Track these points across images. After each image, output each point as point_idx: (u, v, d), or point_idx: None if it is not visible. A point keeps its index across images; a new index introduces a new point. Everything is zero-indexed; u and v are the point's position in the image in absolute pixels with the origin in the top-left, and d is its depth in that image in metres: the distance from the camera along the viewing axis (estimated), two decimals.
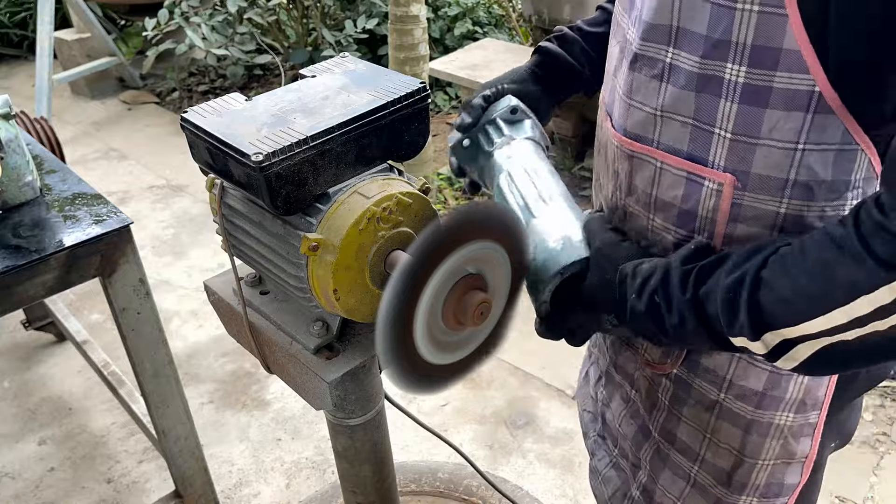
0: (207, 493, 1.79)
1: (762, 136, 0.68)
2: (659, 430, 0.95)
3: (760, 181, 0.70)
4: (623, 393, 1.02)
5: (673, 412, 0.91)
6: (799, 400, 0.83)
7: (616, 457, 1.07)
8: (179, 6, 3.93)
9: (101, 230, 1.36)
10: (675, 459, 0.94)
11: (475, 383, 2.31)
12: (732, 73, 0.67)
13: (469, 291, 0.79)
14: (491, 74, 2.98)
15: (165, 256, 3.01)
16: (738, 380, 0.84)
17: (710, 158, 0.72)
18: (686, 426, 0.91)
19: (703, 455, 0.91)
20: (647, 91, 0.76)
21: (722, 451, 0.89)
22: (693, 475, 0.93)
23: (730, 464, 0.89)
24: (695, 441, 0.91)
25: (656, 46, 0.73)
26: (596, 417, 1.13)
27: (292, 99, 0.93)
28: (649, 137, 0.78)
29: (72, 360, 2.47)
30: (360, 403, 1.06)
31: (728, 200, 0.73)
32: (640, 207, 0.82)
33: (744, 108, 0.68)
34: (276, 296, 1.05)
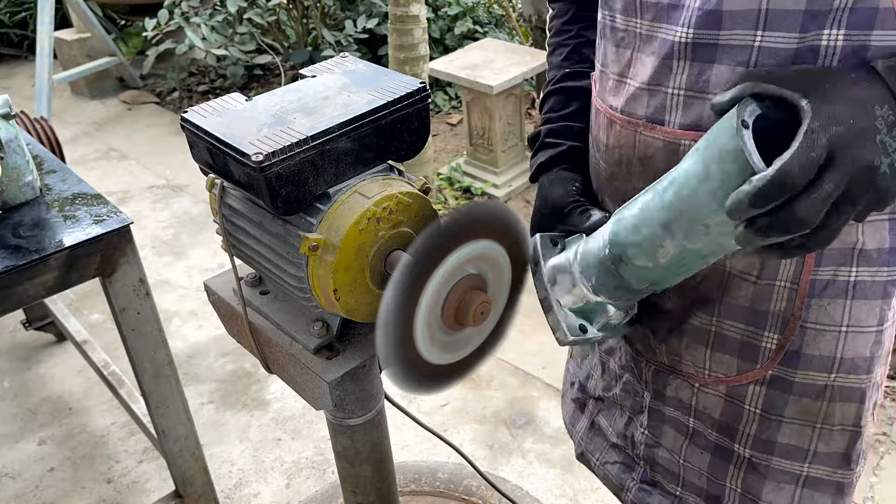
0: (207, 493, 1.79)
1: None
2: (751, 445, 0.90)
3: None
4: (677, 425, 0.96)
5: (768, 418, 0.87)
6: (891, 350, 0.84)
7: (682, 494, 1.00)
8: (179, 6, 3.93)
9: (101, 230, 1.36)
10: (778, 467, 0.89)
11: (475, 383, 2.31)
12: (831, 39, 0.68)
13: (469, 291, 0.79)
14: (491, 74, 2.98)
15: (165, 256, 3.01)
16: (848, 353, 0.82)
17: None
18: (789, 427, 0.87)
19: (814, 448, 0.87)
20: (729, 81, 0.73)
21: (836, 433, 0.86)
22: (804, 473, 0.89)
23: (845, 442, 0.87)
24: (802, 438, 0.87)
25: (742, 33, 0.72)
26: (631, 465, 1.05)
27: (292, 99, 0.93)
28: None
29: (72, 360, 2.47)
30: (360, 403, 1.06)
31: None
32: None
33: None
34: (276, 296, 1.05)
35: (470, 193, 3.24)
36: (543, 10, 3.15)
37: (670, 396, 0.95)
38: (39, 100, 3.67)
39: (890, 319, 0.83)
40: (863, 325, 0.81)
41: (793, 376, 0.84)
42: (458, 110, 3.97)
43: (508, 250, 0.81)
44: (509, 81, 2.97)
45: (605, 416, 1.09)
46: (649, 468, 1.03)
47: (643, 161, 0.84)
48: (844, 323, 0.81)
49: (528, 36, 3.83)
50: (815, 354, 0.83)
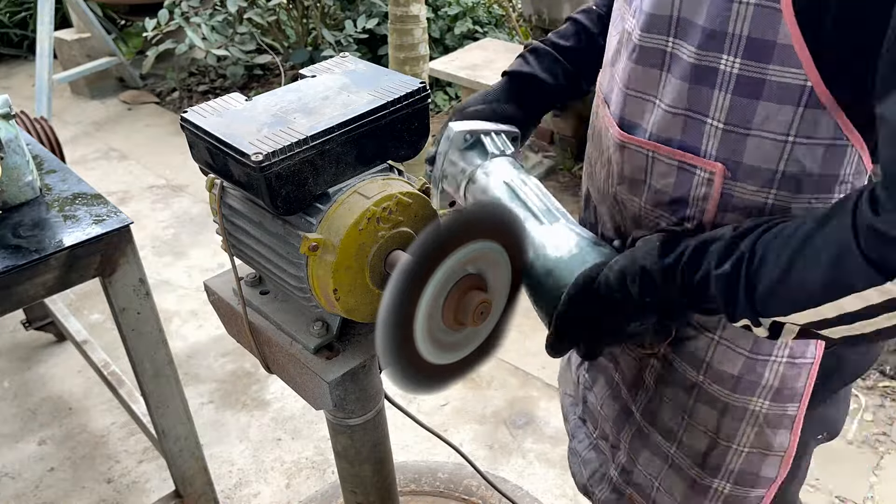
0: (207, 493, 1.79)
1: (754, 127, 0.69)
2: (641, 411, 0.96)
3: (750, 171, 0.72)
4: (607, 376, 1.04)
5: (657, 393, 0.93)
6: (775, 388, 0.84)
7: (596, 438, 1.09)
8: (179, 6, 3.93)
9: (101, 230, 1.36)
10: (655, 440, 0.96)
11: (475, 383, 2.31)
12: (728, 65, 0.68)
13: (469, 291, 0.79)
14: (491, 74, 2.98)
15: (165, 256, 3.01)
16: (715, 363, 0.85)
17: (702, 148, 0.73)
18: (668, 407, 0.92)
19: (681, 436, 0.92)
20: (646, 82, 0.77)
21: (698, 432, 0.90)
22: (671, 455, 0.95)
23: (705, 445, 0.90)
24: (675, 422, 0.92)
25: (657, 37, 0.74)
26: (577, 401, 1.15)
27: (292, 99, 0.93)
28: (643, 128, 0.79)
29: (72, 360, 2.47)
30: (360, 403, 1.06)
31: (718, 189, 0.74)
32: (632, 195, 0.83)
33: (737, 99, 0.69)
34: (276, 296, 1.05)
35: None
36: (543, 9, 3.15)
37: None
38: (39, 100, 3.67)
39: (774, 356, 0.83)
40: (734, 342, 0.83)
41: (675, 362, 0.89)
42: None
43: (508, 250, 0.81)
44: None
45: (574, 354, 1.16)
46: (583, 406, 1.13)
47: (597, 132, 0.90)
48: (718, 333, 0.84)
49: (528, 36, 3.83)
50: (691, 350, 0.87)
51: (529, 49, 1.06)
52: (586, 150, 0.97)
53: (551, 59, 1.04)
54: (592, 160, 0.93)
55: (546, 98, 1.04)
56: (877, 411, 2.12)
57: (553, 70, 1.03)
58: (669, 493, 0.97)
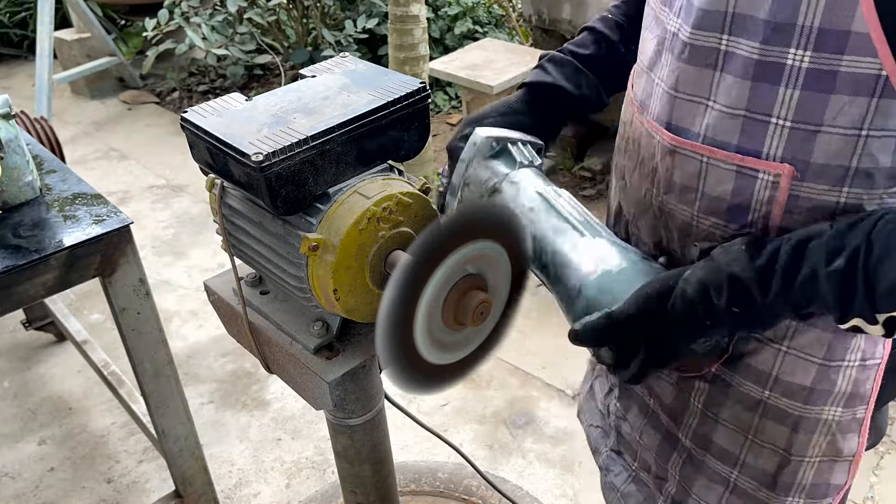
0: (207, 493, 1.79)
1: (825, 122, 0.66)
2: (691, 437, 0.91)
3: (820, 170, 0.68)
4: (640, 403, 0.98)
5: (708, 416, 0.88)
6: (848, 393, 0.80)
7: (636, 470, 1.03)
8: (179, 6, 3.93)
9: (101, 230, 1.36)
10: (712, 466, 0.90)
11: (475, 383, 2.31)
12: (796, 59, 0.65)
13: (469, 291, 0.79)
14: (491, 74, 2.98)
15: (165, 256, 3.01)
16: (784, 375, 0.81)
17: (765, 149, 0.70)
18: (724, 429, 0.87)
19: (743, 458, 0.87)
20: (698, 82, 0.73)
21: (766, 451, 0.85)
22: (733, 480, 0.89)
23: (774, 464, 0.86)
24: (734, 444, 0.87)
25: (708, 35, 0.71)
26: (607, 432, 1.09)
27: (292, 99, 0.93)
28: (695, 131, 0.75)
29: (72, 360, 2.47)
30: (360, 403, 1.06)
31: (785, 192, 0.70)
32: (682, 205, 0.79)
33: (806, 94, 0.66)
34: (276, 296, 1.05)
35: None
36: (543, 9, 3.15)
37: None
38: (39, 100, 3.67)
39: (847, 361, 0.79)
40: (805, 351, 0.79)
41: (731, 380, 0.84)
42: (458, 110, 3.97)
43: (508, 250, 0.81)
44: (509, 81, 2.96)
45: (599, 383, 1.12)
46: (616, 438, 1.06)
47: (633, 142, 0.86)
48: (786, 343, 0.79)
49: (528, 36, 3.83)
50: (752, 365, 0.82)
51: (547, 58, 1.02)
52: (615, 163, 0.93)
53: (572, 68, 1.00)
54: (626, 172, 0.89)
55: (569, 109, 1.00)
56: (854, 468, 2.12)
57: (576, 80, 0.99)
58: None
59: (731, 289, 0.69)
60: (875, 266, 0.62)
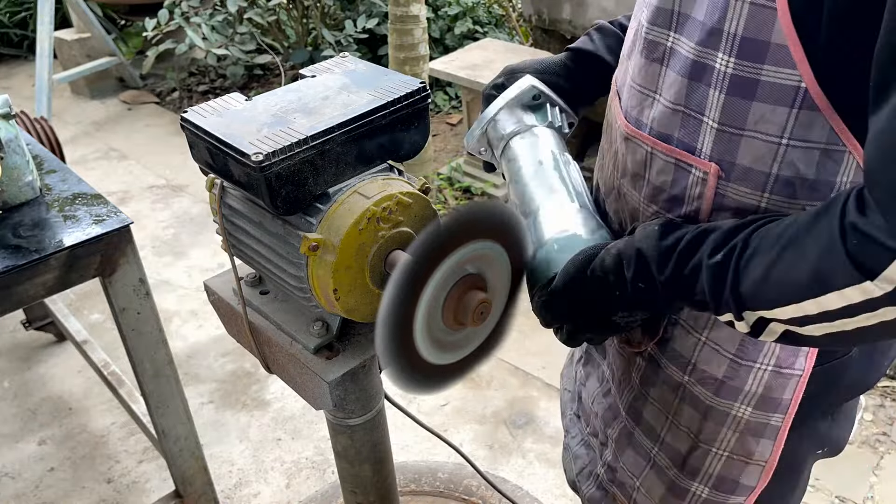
0: (207, 493, 1.79)
1: (747, 127, 0.69)
2: (627, 409, 0.96)
3: (744, 173, 0.71)
4: (599, 373, 1.04)
5: (642, 392, 0.93)
6: (759, 395, 0.83)
7: (587, 435, 1.10)
8: (179, 6, 3.93)
9: (101, 230, 1.36)
10: (639, 439, 0.96)
11: (475, 383, 2.31)
12: (722, 63, 0.68)
13: (469, 291, 0.79)
14: (491, 74, 2.98)
15: (165, 256, 3.01)
16: (700, 364, 0.84)
17: (698, 147, 0.73)
18: (652, 407, 0.92)
19: (663, 436, 0.92)
20: (648, 75, 0.77)
21: (681, 433, 0.90)
22: (653, 456, 0.95)
23: (686, 447, 0.90)
24: (658, 422, 0.92)
25: (659, 30, 0.74)
26: (574, 396, 1.16)
27: (292, 99, 0.93)
28: (644, 122, 0.79)
29: (72, 360, 2.47)
30: (360, 403, 1.06)
31: (712, 190, 0.74)
32: (633, 190, 0.83)
33: (731, 98, 0.68)
34: (276, 296, 1.05)
35: (470, 193, 3.24)
36: (543, 9, 3.15)
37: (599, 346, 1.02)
38: (39, 100, 3.67)
39: (758, 363, 0.82)
40: (719, 343, 0.82)
41: (661, 361, 0.89)
42: (458, 110, 3.97)
43: (508, 250, 0.81)
44: None
45: (577, 349, 1.17)
46: (578, 403, 1.13)
47: (608, 124, 0.89)
48: (705, 334, 0.83)
49: (528, 36, 3.83)
50: (678, 350, 0.86)
51: (596, 27, 1.03)
52: (601, 142, 0.97)
53: (617, 39, 1.01)
54: (603, 152, 0.93)
55: (607, 80, 1.00)
56: (877, 411, 2.12)
57: (618, 51, 0.99)
58: (649, 494, 0.97)
59: (637, 263, 0.72)
60: (745, 263, 0.64)
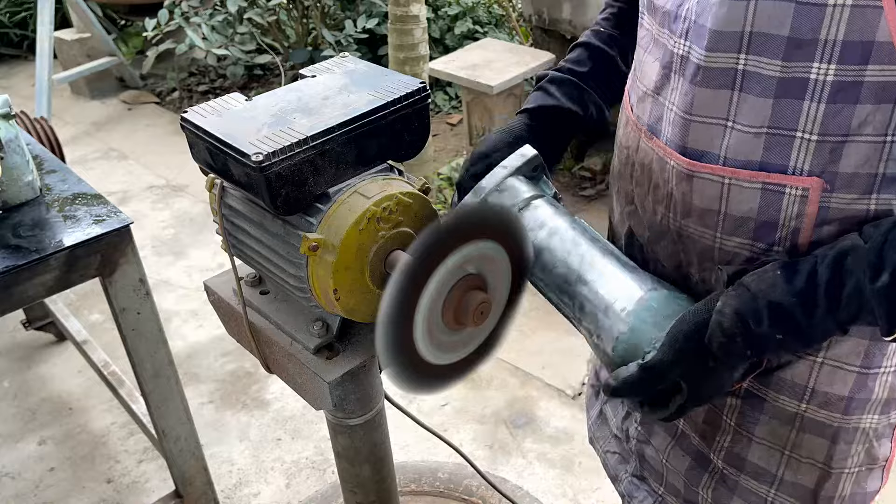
0: (207, 493, 1.79)
1: (851, 132, 0.66)
2: (724, 457, 0.89)
3: (849, 179, 0.69)
4: (667, 426, 0.96)
5: (741, 434, 0.86)
6: (884, 399, 0.80)
7: (663, 495, 1.01)
8: (179, 6, 3.92)
9: (101, 230, 1.36)
10: (746, 485, 0.88)
11: (475, 383, 2.31)
12: (820, 73, 0.65)
13: (469, 291, 0.79)
14: (491, 74, 2.98)
15: (165, 256, 3.01)
16: (821, 386, 0.79)
17: (791, 164, 0.70)
18: (759, 447, 0.86)
19: (781, 475, 0.86)
20: (715, 104, 0.72)
21: (804, 466, 0.84)
22: (770, 499, 0.88)
23: (814, 479, 0.84)
24: (770, 461, 0.86)
25: (725, 56, 0.69)
26: (626, 458, 1.06)
27: (292, 99, 0.93)
28: (714, 153, 0.74)
29: (72, 360, 2.47)
30: (360, 403, 1.06)
31: (815, 205, 0.70)
32: (702, 228, 0.78)
33: (832, 106, 0.66)
34: (276, 296, 1.05)
35: None
36: (543, 9, 3.15)
37: None
38: (39, 100, 3.67)
39: (884, 367, 0.79)
40: (842, 360, 0.78)
41: (765, 395, 0.83)
42: (458, 110, 3.97)
43: (508, 250, 0.81)
44: (509, 81, 2.96)
45: (611, 406, 1.10)
46: (639, 463, 1.03)
47: (641, 167, 0.84)
48: (822, 354, 0.78)
49: (528, 36, 3.83)
50: (787, 379, 0.81)
51: (547, 79, 0.99)
52: (617, 188, 0.91)
53: (574, 86, 0.97)
54: (637, 198, 0.86)
55: (574, 129, 0.97)
56: None
57: (580, 99, 0.97)
58: None
59: (773, 315, 0.68)
60: None
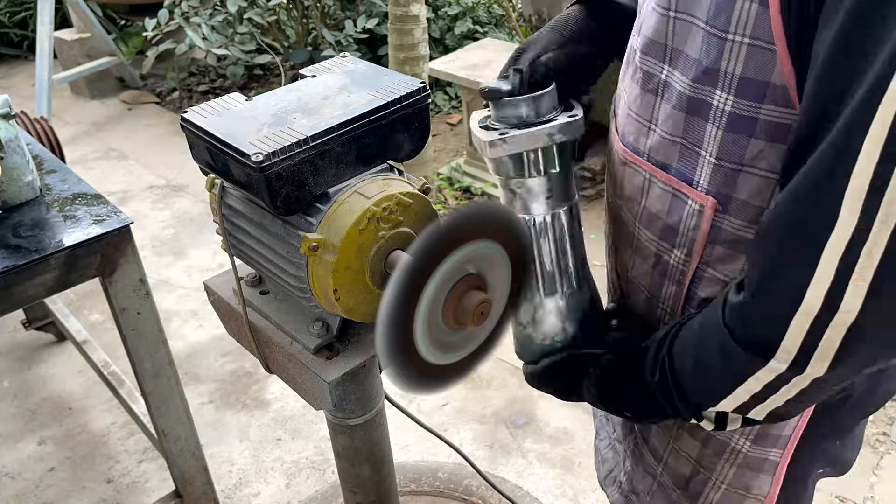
0: (207, 493, 1.79)
1: (745, 163, 0.68)
2: (639, 427, 0.99)
3: (741, 206, 0.70)
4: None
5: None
6: (756, 431, 0.83)
7: (614, 440, 1.10)
8: (179, 6, 3.92)
9: (101, 230, 1.36)
10: (647, 458, 0.98)
11: (475, 383, 2.31)
12: (720, 101, 0.67)
13: (469, 291, 0.79)
14: (491, 74, 2.98)
15: (165, 256, 3.01)
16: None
17: (696, 179, 0.73)
18: (657, 430, 0.94)
19: (666, 458, 0.94)
20: (644, 104, 0.76)
21: (682, 458, 0.92)
22: (658, 474, 0.97)
23: (688, 471, 0.92)
24: (661, 445, 0.94)
25: (653, 62, 0.73)
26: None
27: (292, 99, 0.93)
28: (642, 150, 0.78)
29: (72, 360, 2.47)
30: (360, 403, 1.06)
31: (708, 222, 0.73)
32: (629, 214, 0.83)
33: (729, 134, 0.67)
34: (276, 296, 1.05)
35: (470, 193, 3.24)
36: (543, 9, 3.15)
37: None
38: (39, 100, 3.67)
39: None
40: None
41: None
42: (458, 110, 3.97)
43: (508, 250, 0.81)
44: None
45: None
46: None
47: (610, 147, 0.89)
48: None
49: (527, 36, 3.82)
50: None
51: None
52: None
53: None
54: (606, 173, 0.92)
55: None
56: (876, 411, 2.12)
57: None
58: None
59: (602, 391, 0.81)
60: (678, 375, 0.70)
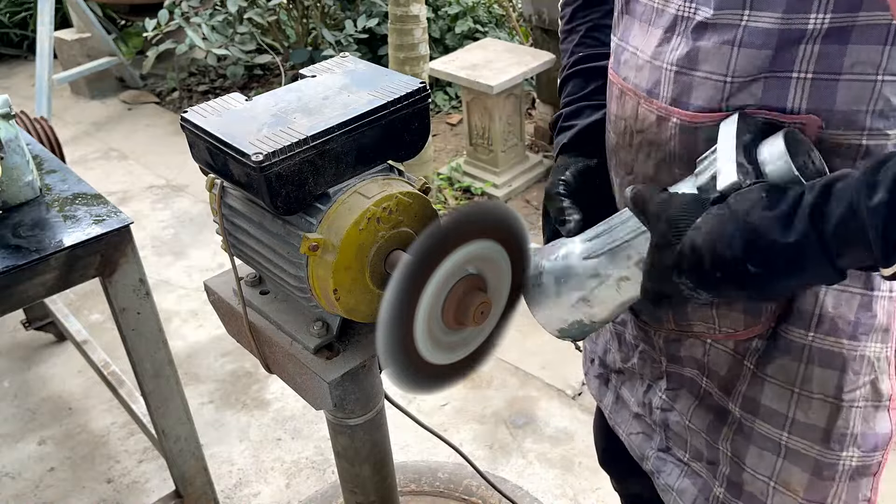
0: (207, 493, 1.79)
1: (843, 71, 0.70)
2: (740, 404, 0.89)
3: (843, 117, 0.72)
4: (692, 386, 0.96)
5: (758, 375, 0.86)
6: (884, 326, 0.81)
7: (688, 462, 1.01)
8: (179, 6, 3.92)
9: (101, 230, 1.36)
10: (761, 431, 0.88)
11: (475, 383, 2.31)
12: (816, 23, 0.69)
13: (469, 291, 0.79)
14: (491, 74, 2.98)
15: (165, 256, 3.01)
16: (828, 310, 0.80)
17: (789, 104, 0.73)
18: (771, 386, 0.85)
19: (792, 415, 0.85)
20: (717, 59, 0.74)
21: (815, 403, 0.83)
22: (784, 443, 0.87)
23: (825, 416, 0.83)
24: (782, 401, 0.84)
25: (731, 13, 0.73)
26: (650, 435, 1.07)
27: (292, 99, 0.93)
28: (717, 106, 0.76)
29: (72, 360, 2.47)
30: (360, 403, 1.06)
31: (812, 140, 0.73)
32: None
33: (825, 48, 0.70)
34: (276, 296, 1.05)
35: (470, 193, 3.25)
36: (543, 9, 3.15)
37: (685, 356, 0.94)
38: (39, 100, 3.67)
39: (882, 290, 0.80)
40: (845, 283, 0.79)
41: (782, 329, 0.83)
42: (458, 110, 3.97)
43: (508, 250, 0.81)
44: (509, 81, 2.97)
45: (627, 388, 1.10)
46: (664, 434, 1.03)
47: (641, 133, 0.85)
48: None
49: (528, 36, 3.83)
50: (794, 307, 0.81)
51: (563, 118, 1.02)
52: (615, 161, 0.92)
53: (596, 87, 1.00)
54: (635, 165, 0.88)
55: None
56: None
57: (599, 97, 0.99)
58: (788, 489, 0.88)
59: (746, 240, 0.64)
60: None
